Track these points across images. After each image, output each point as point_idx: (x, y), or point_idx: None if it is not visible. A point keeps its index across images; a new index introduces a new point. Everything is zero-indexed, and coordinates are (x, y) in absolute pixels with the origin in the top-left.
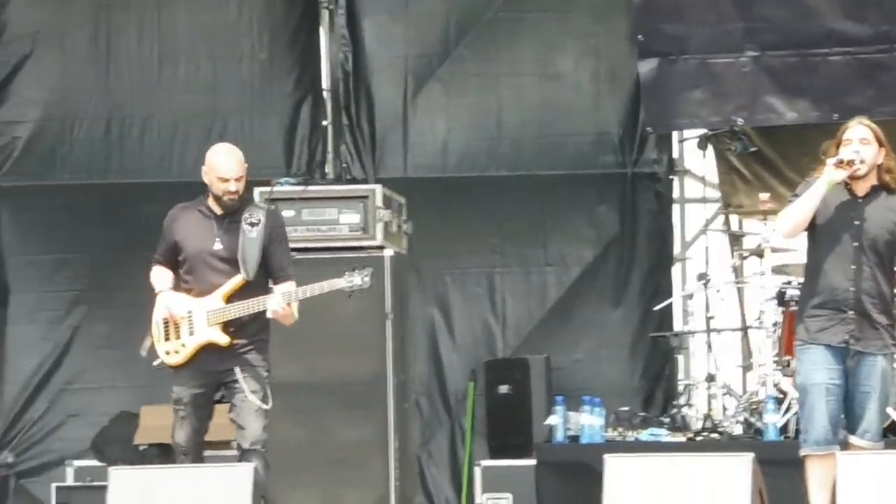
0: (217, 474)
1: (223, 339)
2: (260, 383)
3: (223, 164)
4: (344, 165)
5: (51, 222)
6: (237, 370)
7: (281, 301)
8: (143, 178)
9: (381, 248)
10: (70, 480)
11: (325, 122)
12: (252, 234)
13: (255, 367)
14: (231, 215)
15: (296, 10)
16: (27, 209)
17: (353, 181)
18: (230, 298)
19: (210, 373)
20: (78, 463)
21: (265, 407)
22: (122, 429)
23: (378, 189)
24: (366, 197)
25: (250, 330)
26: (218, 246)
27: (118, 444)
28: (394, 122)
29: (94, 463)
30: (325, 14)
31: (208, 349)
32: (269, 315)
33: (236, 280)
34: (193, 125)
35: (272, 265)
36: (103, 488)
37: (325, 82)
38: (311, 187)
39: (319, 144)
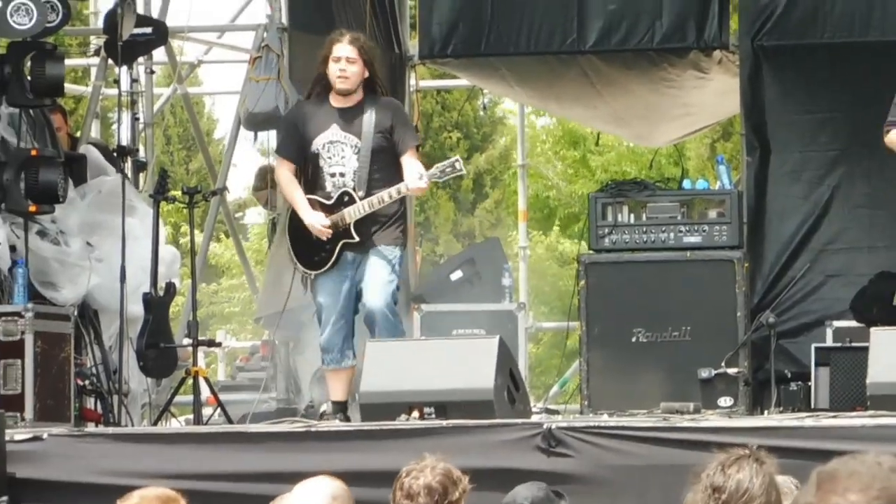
0: None
1: None
2: None
3: None
4: None
5: (812, 81)
6: None
7: None
8: None
9: None
10: (829, 341)
11: None
12: None
13: None
14: None
15: None
16: (789, 68)
17: None
18: None
19: None
20: (837, 323)
21: None
22: (881, 289)
23: None
24: None
25: None
26: None
27: (877, 304)
28: None
29: (853, 324)
30: None
31: None
32: None
33: None
34: None
35: None
36: (863, 349)
37: None
38: None
39: None
